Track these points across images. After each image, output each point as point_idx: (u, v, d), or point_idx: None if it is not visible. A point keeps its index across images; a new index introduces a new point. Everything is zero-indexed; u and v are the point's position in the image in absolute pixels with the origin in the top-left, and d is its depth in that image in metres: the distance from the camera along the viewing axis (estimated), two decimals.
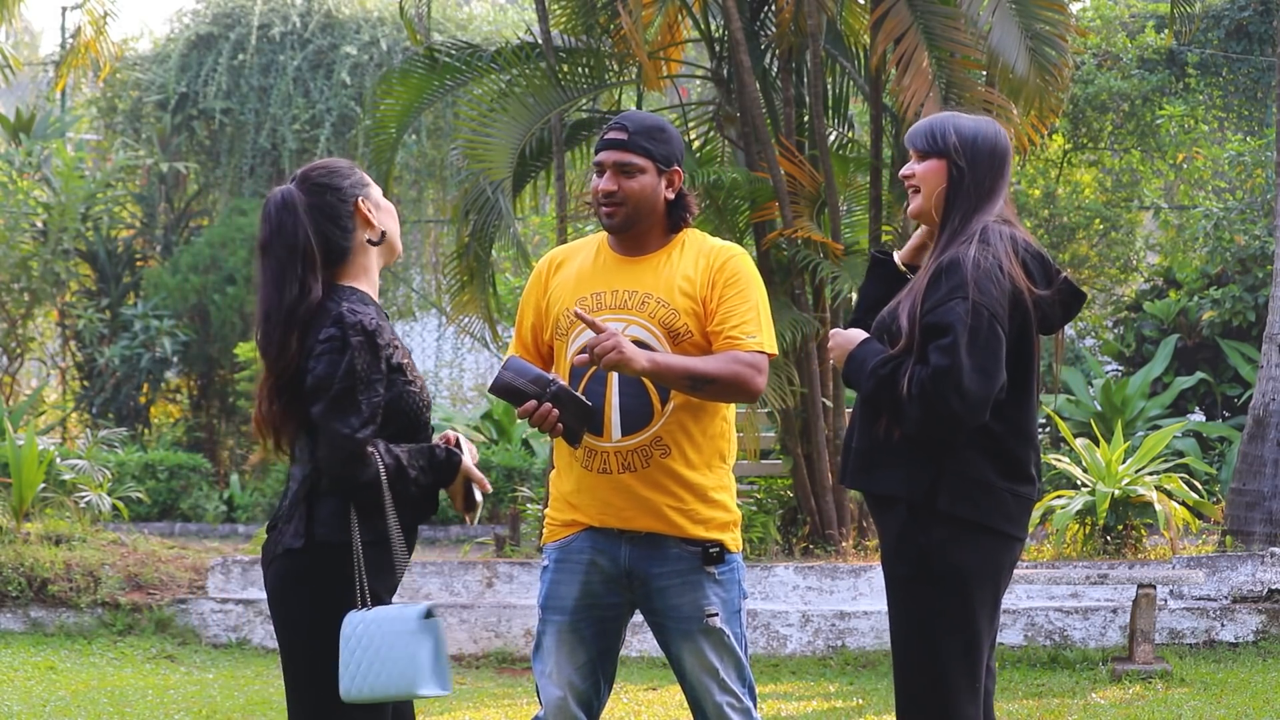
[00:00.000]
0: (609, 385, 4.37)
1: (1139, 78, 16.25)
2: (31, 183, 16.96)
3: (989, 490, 4.11)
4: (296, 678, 4.02)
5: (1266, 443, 10.63)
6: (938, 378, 3.99)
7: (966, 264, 4.05)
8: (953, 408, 3.99)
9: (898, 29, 9.91)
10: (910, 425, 4.06)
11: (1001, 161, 4.24)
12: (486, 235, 10.86)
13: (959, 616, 4.11)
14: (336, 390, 3.89)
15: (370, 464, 3.89)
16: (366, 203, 4.09)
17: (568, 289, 4.49)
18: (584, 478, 4.41)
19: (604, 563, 4.41)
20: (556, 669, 4.42)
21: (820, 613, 9.85)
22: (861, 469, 4.22)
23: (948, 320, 4.02)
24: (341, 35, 18.67)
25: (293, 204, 4.02)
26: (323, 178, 4.07)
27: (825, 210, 10.82)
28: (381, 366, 3.95)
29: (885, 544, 4.21)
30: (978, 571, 4.11)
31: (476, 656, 10.01)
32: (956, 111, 4.45)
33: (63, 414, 17.57)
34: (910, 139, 4.29)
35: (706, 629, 4.38)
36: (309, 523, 3.96)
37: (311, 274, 3.99)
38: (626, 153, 4.42)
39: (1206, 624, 9.67)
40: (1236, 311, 14.57)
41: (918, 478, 4.10)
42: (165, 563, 10.97)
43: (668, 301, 4.39)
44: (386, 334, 4.00)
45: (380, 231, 4.11)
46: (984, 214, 4.18)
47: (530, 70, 11.09)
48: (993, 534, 4.12)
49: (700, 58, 14.77)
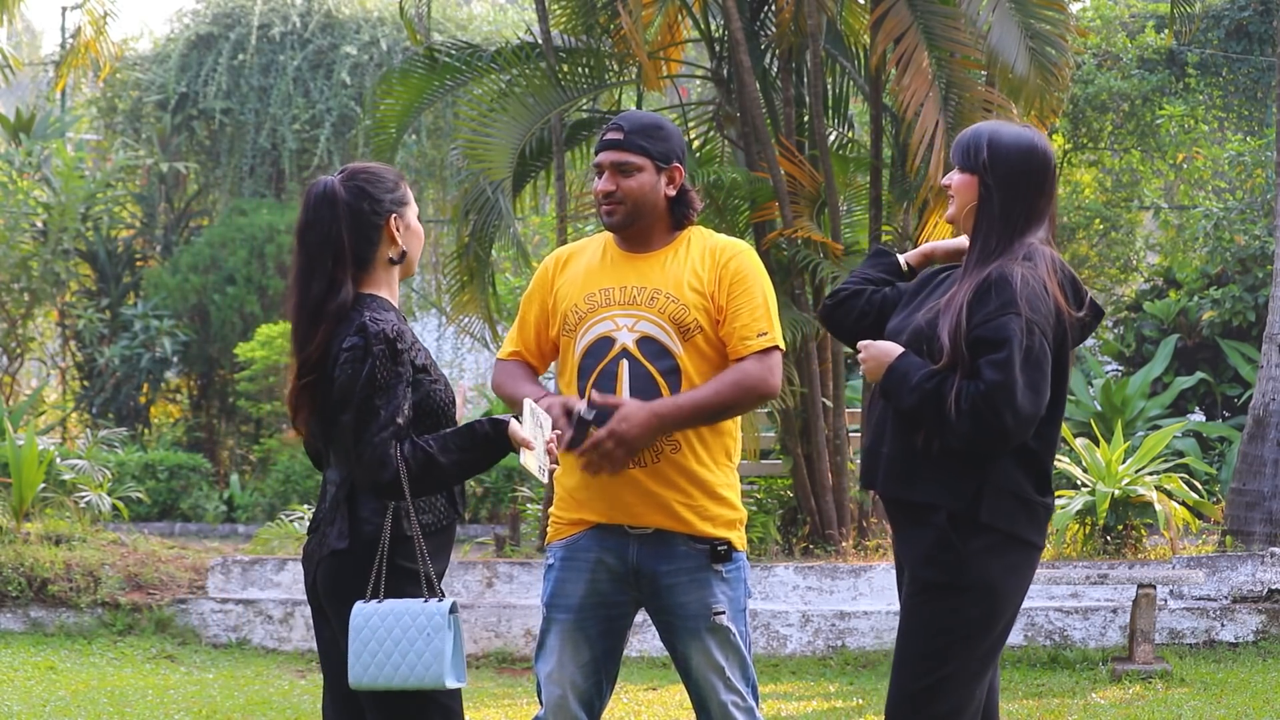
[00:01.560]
0: (619, 380, 4.37)
1: (1139, 78, 16.25)
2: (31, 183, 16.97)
3: (1026, 504, 4.12)
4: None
5: (1266, 443, 10.63)
6: (992, 393, 3.97)
7: (1015, 280, 4.03)
8: (1005, 424, 3.97)
9: (897, 29, 9.91)
10: (957, 440, 4.03)
11: (1038, 180, 4.18)
12: (486, 235, 10.86)
13: (983, 626, 4.10)
14: (359, 399, 3.96)
15: (390, 464, 3.94)
16: (399, 221, 4.12)
17: (575, 286, 4.49)
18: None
19: (611, 561, 4.40)
20: (559, 668, 4.41)
21: (820, 613, 9.85)
22: (898, 477, 4.18)
23: (1002, 335, 3.99)
24: (341, 35, 18.67)
25: (332, 198, 4.06)
26: (365, 183, 4.10)
27: (825, 210, 10.82)
28: (402, 372, 3.99)
29: (915, 551, 4.15)
30: (1007, 583, 4.11)
31: (476, 656, 10.01)
32: (998, 122, 4.33)
33: (63, 414, 17.57)
34: (953, 149, 4.27)
35: (713, 627, 4.38)
36: (353, 522, 4.03)
37: (340, 270, 4.04)
38: (623, 152, 4.43)
39: (1206, 624, 9.67)
40: (1236, 311, 14.57)
41: (961, 488, 4.08)
42: (165, 563, 10.97)
43: (677, 297, 4.40)
44: (408, 338, 4.05)
45: (401, 251, 4.14)
46: (1027, 234, 4.15)
47: (530, 70, 11.09)
48: (1025, 546, 4.13)
49: (700, 58, 14.78)
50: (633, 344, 4.39)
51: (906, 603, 4.18)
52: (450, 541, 4.19)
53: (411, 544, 4.00)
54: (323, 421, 4.07)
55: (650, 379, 4.36)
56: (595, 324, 4.40)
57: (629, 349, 4.39)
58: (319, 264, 4.03)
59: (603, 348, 4.40)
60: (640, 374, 4.36)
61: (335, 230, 4.04)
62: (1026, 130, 4.25)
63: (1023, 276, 4.04)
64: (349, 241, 4.05)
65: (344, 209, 4.06)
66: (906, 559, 4.21)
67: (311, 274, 4.04)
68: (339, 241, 4.04)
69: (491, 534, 12.48)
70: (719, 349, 4.42)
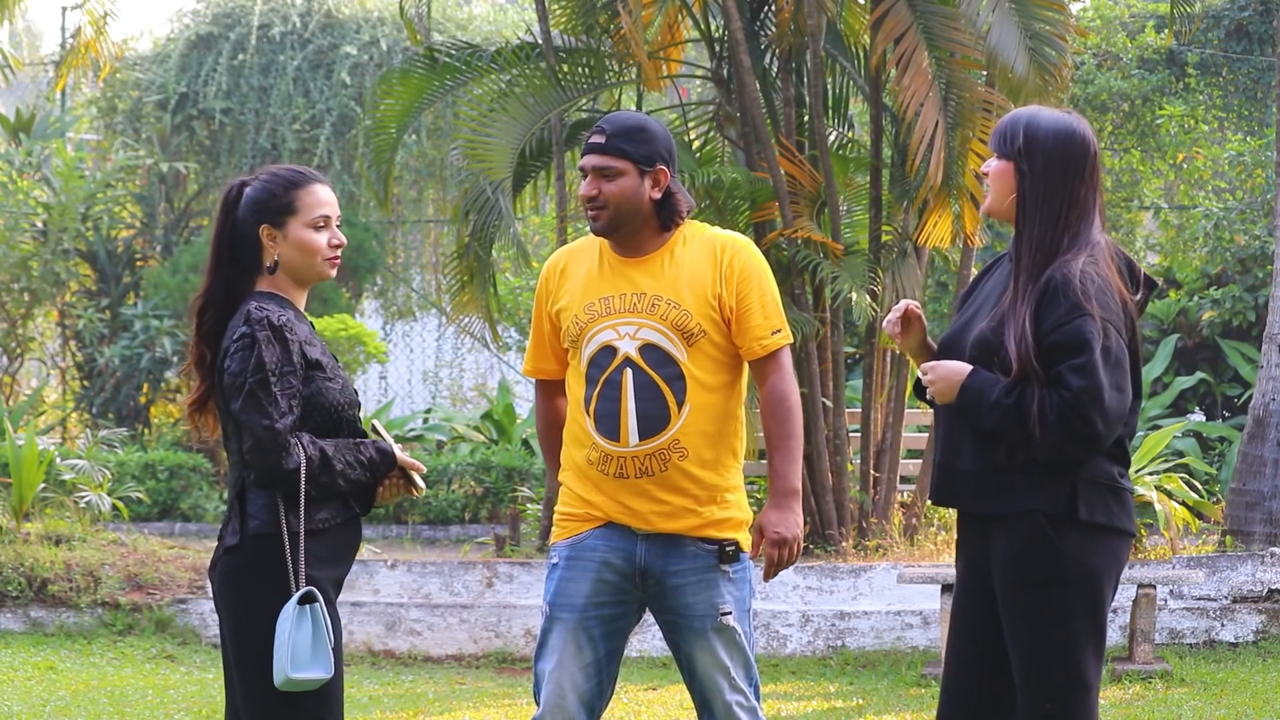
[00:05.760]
0: (624, 390, 4.35)
1: (1139, 78, 16.25)
2: (31, 183, 16.96)
3: (1117, 493, 4.05)
4: (246, 675, 4.05)
5: (1266, 443, 10.62)
6: (1081, 399, 3.89)
7: (1077, 279, 3.94)
8: (1096, 429, 3.90)
9: (897, 29, 9.92)
10: (1047, 450, 3.94)
11: (1078, 167, 4.04)
12: (486, 235, 10.87)
13: (1093, 616, 4.02)
14: (251, 384, 3.95)
15: (293, 453, 3.94)
16: (272, 231, 4.12)
17: (575, 296, 4.46)
18: (602, 482, 4.37)
19: (617, 561, 4.38)
20: (560, 667, 4.37)
21: (820, 613, 9.85)
22: (983, 493, 4.07)
23: (1080, 339, 3.91)
24: (341, 35, 18.67)
25: (226, 200, 4.15)
26: (254, 189, 4.15)
27: (825, 210, 10.82)
28: (295, 360, 3.99)
29: (1006, 551, 4.03)
30: (1107, 571, 4.04)
31: (476, 656, 10.01)
32: (1038, 108, 4.19)
33: (63, 414, 17.57)
34: (992, 135, 4.16)
35: (720, 627, 4.37)
36: (243, 518, 4.01)
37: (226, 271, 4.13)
38: (604, 156, 4.40)
39: (1206, 624, 9.67)
40: (1236, 311, 14.57)
41: (1054, 491, 3.99)
42: (165, 563, 10.97)
43: (678, 303, 4.38)
44: (299, 331, 4.05)
45: (275, 261, 4.14)
46: (1079, 227, 4.04)
47: (530, 70, 11.09)
48: (1121, 535, 4.07)
49: (700, 58, 14.77)
50: (635, 352, 4.36)
51: (1008, 609, 4.05)
52: (351, 540, 4.15)
53: (298, 540, 3.97)
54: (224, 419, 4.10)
55: (655, 387, 4.34)
56: (597, 333, 4.38)
57: (631, 357, 4.36)
58: (210, 263, 4.14)
59: (605, 357, 4.38)
60: (645, 382, 4.35)
61: (220, 232, 4.13)
62: (1067, 115, 4.13)
63: (1085, 274, 3.95)
64: (230, 244, 4.13)
65: (230, 213, 4.13)
66: (996, 562, 4.07)
67: (206, 272, 4.15)
68: (221, 243, 4.13)
69: (491, 534, 12.48)
70: (725, 349, 4.41)
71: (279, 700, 3.97)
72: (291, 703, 3.97)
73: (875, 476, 11.14)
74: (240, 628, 4.03)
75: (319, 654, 3.93)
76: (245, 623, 4.01)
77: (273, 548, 3.97)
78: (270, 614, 3.94)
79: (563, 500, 4.49)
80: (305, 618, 3.92)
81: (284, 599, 3.94)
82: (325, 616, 3.95)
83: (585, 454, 4.39)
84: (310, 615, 3.93)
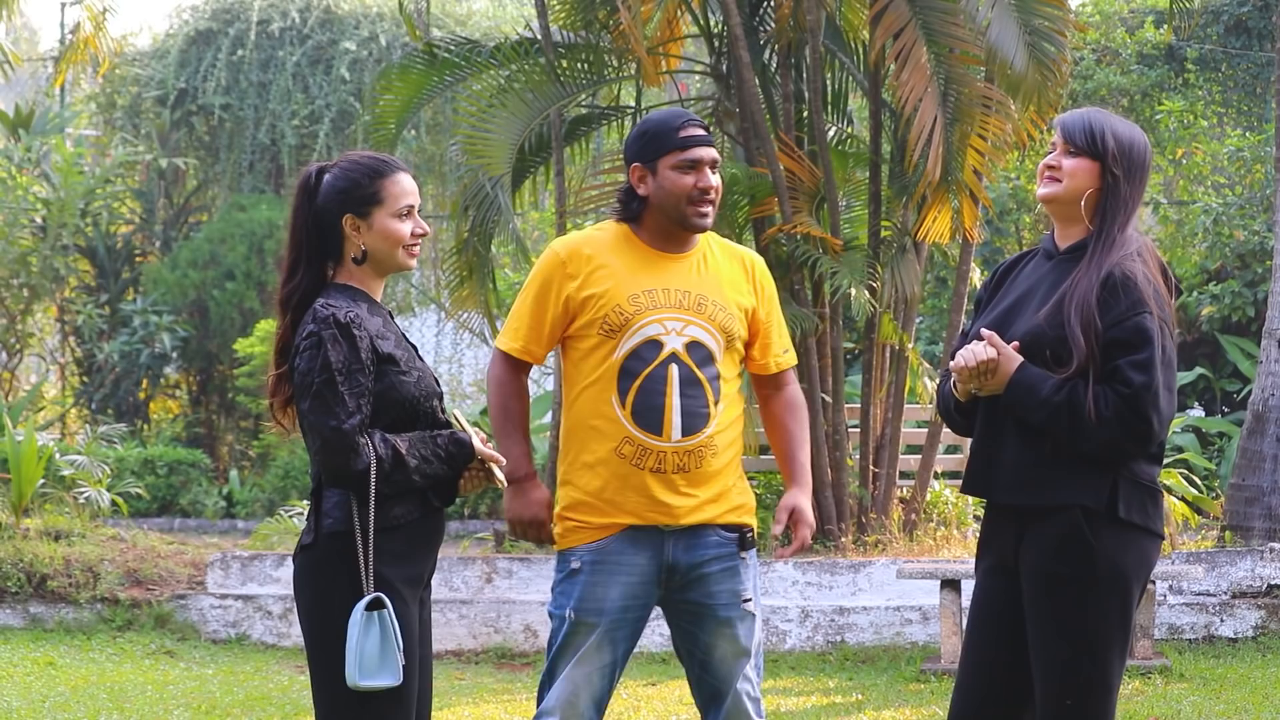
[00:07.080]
0: (669, 385, 4.32)
1: (1138, 73, 16.25)
2: (31, 178, 16.98)
3: (1154, 495, 4.07)
4: (318, 671, 4.02)
5: (1266, 438, 10.63)
6: (1138, 396, 3.91)
7: (1138, 278, 3.98)
8: (1151, 426, 3.92)
9: (896, 24, 9.92)
10: (1099, 446, 3.96)
11: (1146, 172, 4.17)
12: (486, 231, 10.86)
13: (1120, 616, 4.03)
14: (317, 384, 3.89)
15: (362, 454, 3.88)
16: (356, 221, 4.02)
17: (619, 285, 4.37)
18: (631, 475, 4.31)
19: (644, 562, 4.35)
20: (578, 667, 4.35)
21: (819, 608, 9.86)
22: (1027, 485, 4.06)
23: (1143, 336, 3.94)
24: (341, 31, 18.67)
25: (306, 189, 4.05)
26: (336, 178, 4.04)
27: (824, 205, 10.82)
28: (363, 357, 3.92)
29: (1039, 545, 4.04)
30: (1136, 572, 4.04)
31: (476, 652, 10.01)
32: (1105, 112, 4.25)
33: (62, 409, 17.58)
34: (1068, 131, 4.15)
35: (743, 614, 4.40)
36: (317, 516, 3.98)
37: (308, 261, 4.03)
38: (713, 148, 4.41)
39: (1206, 619, 9.68)
40: (1236, 307, 14.58)
41: (1097, 487, 4.00)
42: (164, 558, 10.97)
43: (723, 305, 4.39)
44: (369, 325, 3.96)
45: (362, 250, 4.04)
46: (1131, 224, 4.11)
47: (529, 66, 11.09)
48: (1152, 537, 4.08)
49: (699, 53, 14.77)
50: (682, 348, 4.34)
51: (1035, 604, 4.05)
52: (430, 535, 4.08)
53: (369, 538, 3.93)
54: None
55: (698, 384, 4.33)
56: (643, 326, 4.33)
57: (678, 353, 4.33)
58: (291, 254, 4.04)
59: (650, 351, 4.33)
60: (690, 379, 4.33)
61: (302, 221, 4.03)
62: (1133, 124, 4.24)
63: (1144, 275, 3.99)
64: (313, 234, 4.02)
65: (311, 201, 4.03)
66: (1027, 555, 4.07)
67: (288, 263, 4.05)
68: (303, 233, 4.02)
69: (491, 529, 12.48)
70: (739, 357, 4.45)
71: (348, 697, 3.93)
72: (360, 700, 3.93)
73: (874, 472, 11.14)
74: (314, 625, 3.99)
75: (387, 661, 3.89)
76: (318, 620, 3.98)
77: (345, 546, 3.92)
78: (341, 613, 3.89)
79: (575, 505, 4.41)
80: (373, 624, 3.88)
81: (356, 598, 3.90)
82: (394, 622, 3.90)
83: (614, 447, 4.32)
84: (379, 621, 3.89)
